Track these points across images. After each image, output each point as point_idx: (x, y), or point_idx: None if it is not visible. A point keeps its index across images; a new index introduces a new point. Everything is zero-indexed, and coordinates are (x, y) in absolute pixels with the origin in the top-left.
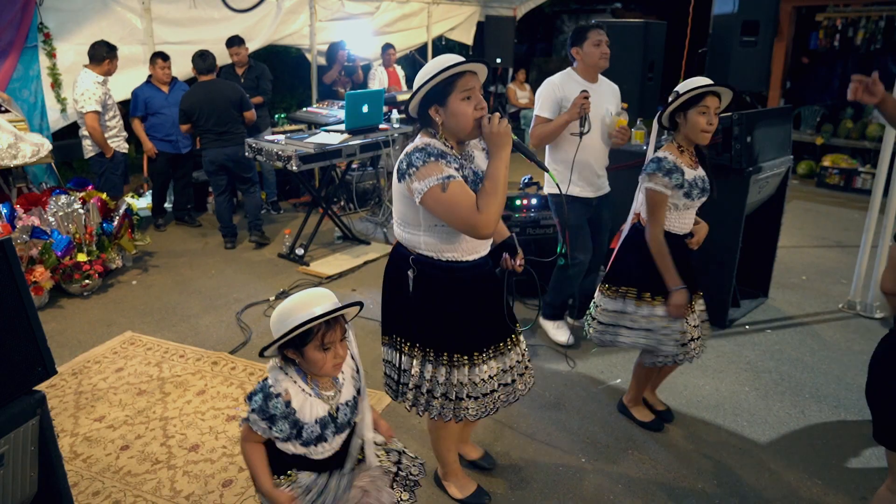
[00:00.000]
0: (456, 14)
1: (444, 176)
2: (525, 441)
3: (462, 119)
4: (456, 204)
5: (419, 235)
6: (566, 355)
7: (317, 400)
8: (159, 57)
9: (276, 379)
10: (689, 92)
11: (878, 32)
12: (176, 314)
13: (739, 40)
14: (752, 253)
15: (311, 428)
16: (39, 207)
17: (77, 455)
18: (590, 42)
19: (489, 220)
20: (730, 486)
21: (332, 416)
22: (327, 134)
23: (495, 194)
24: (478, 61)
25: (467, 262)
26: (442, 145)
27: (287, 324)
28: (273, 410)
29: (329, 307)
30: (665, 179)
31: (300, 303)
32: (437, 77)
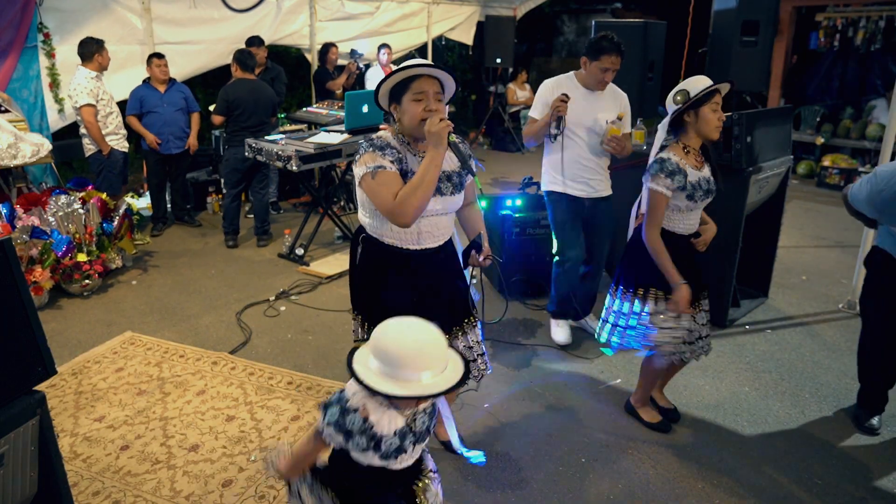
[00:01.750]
0: (456, 14)
1: (376, 165)
2: (525, 441)
3: (409, 117)
4: (378, 192)
5: (367, 217)
6: (549, 355)
7: (394, 412)
8: (155, 57)
9: (353, 392)
10: (706, 90)
11: (878, 32)
12: (176, 314)
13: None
14: (752, 253)
15: (389, 440)
16: (39, 207)
17: (77, 455)
18: (599, 64)
19: (404, 210)
20: (730, 486)
21: (409, 426)
22: (327, 134)
23: (416, 188)
24: (437, 68)
25: (408, 250)
26: (394, 139)
27: (402, 375)
28: (349, 426)
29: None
30: (667, 181)
31: (415, 356)
32: (393, 76)
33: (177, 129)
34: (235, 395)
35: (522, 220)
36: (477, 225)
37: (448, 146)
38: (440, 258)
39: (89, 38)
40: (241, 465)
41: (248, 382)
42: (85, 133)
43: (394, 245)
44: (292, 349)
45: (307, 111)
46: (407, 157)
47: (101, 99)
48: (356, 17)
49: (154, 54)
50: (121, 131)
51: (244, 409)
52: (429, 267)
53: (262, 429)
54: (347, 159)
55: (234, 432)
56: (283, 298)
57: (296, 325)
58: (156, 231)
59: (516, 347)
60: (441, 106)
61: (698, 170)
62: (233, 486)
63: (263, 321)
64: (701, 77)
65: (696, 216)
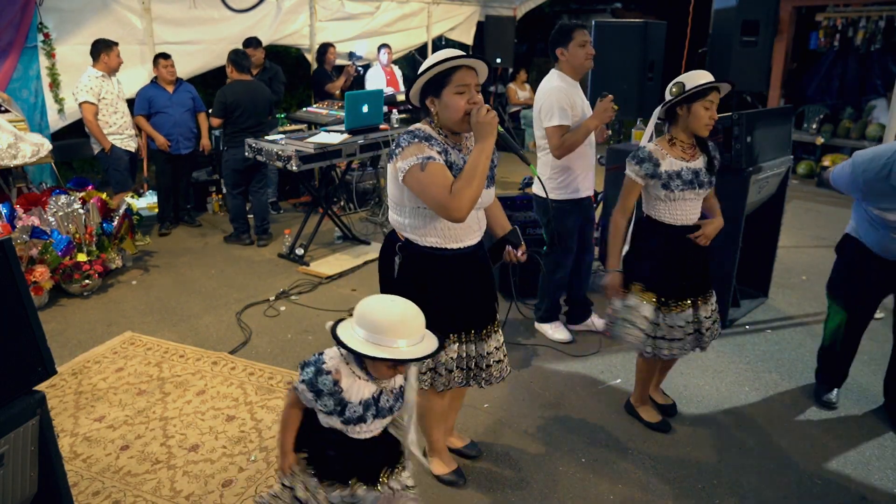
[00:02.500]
0: (456, 14)
1: (425, 157)
2: (525, 441)
3: (453, 111)
4: (431, 184)
5: (405, 218)
6: (549, 355)
7: (365, 382)
8: (161, 57)
9: (331, 357)
10: (701, 86)
11: (878, 32)
12: (176, 314)
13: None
14: (752, 253)
15: (353, 408)
16: (39, 207)
17: (77, 455)
18: (575, 43)
19: (461, 204)
20: (729, 486)
21: (375, 398)
22: (327, 134)
23: (470, 180)
24: (477, 58)
25: (449, 249)
26: (433, 131)
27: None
28: (321, 386)
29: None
30: (636, 167)
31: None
32: (432, 69)
33: (185, 129)
34: (235, 395)
35: (522, 220)
36: (503, 220)
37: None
38: (477, 257)
39: (100, 39)
40: (241, 465)
41: (248, 382)
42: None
43: (435, 246)
44: (292, 349)
45: (307, 111)
46: (449, 150)
47: (104, 98)
48: (356, 17)
49: (160, 55)
50: (126, 131)
51: (244, 409)
52: (468, 267)
53: (262, 429)
54: (347, 159)
55: (234, 432)
56: (283, 298)
57: (296, 325)
58: (164, 231)
59: (516, 347)
60: (481, 97)
61: (685, 161)
62: (233, 486)
63: (263, 321)
64: (702, 72)
65: (685, 207)
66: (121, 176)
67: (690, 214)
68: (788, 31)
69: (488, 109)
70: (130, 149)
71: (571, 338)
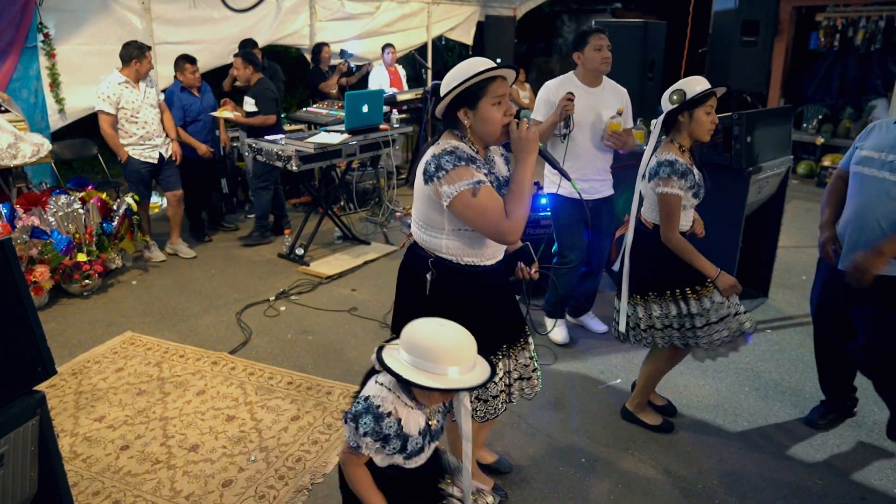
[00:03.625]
0: (456, 14)
1: (475, 181)
2: (525, 441)
3: (491, 124)
4: (486, 209)
5: (441, 239)
6: (553, 351)
7: (417, 412)
8: (187, 61)
9: (383, 397)
10: (703, 93)
11: (878, 32)
12: (176, 314)
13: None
14: (752, 253)
15: (414, 440)
16: (39, 207)
17: (77, 455)
18: (590, 47)
19: (517, 225)
20: (730, 486)
21: (429, 424)
22: (327, 134)
23: (521, 199)
24: (509, 67)
25: (485, 266)
26: (469, 149)
27: (434, 369)
28: (387, 430)
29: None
30: (681, 182)
31: (448, 350)
32: (470, 80)
33: (214, 132)
34: (235, 395)
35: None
36: None
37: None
38: (503, 271)
39: (132, 42)
40: (241, 465)
41: (248, 382)
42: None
43: (472, 264)
44: (292, 349)
45: (307, 111)
46: (489, 169)
47: (124, 108)
48: (356, 17)
49: (185, 58)
50: (148, 141)
51: (244, 409)
52: (497, 282)
53: (262, 429)
54: (347, 159)
55: (234, 432)
56: (283, 298)
57: (296, 325)
58: (206, 239)
59: None
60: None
61: (692, 167)
62: (233, 486)
63: (263, 321)
64: (698, 78)
65: (691, 214)
66: (135, 188)
67: (691, 219)
68: (788, 31)
69: (528, 125)
70: (151, 160)
71: (567, 340)
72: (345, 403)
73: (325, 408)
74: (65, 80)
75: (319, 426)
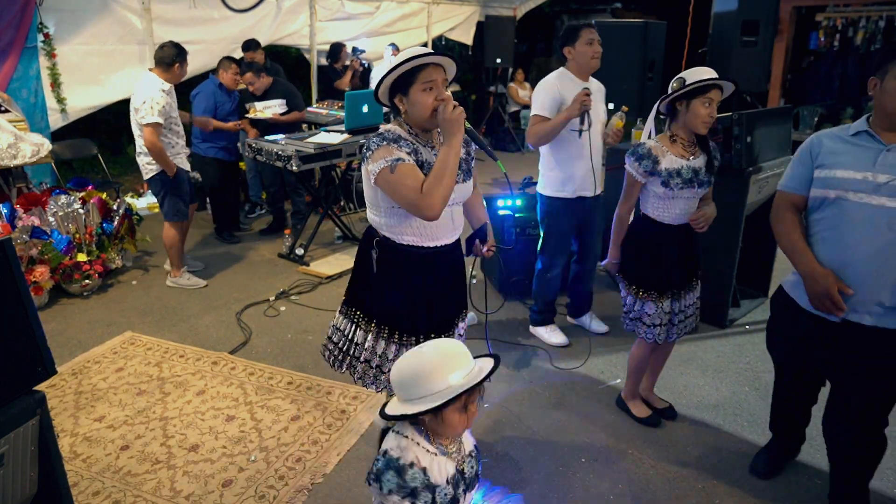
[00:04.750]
0: (456, 14)
1: (394, 158)
2: (525, 441)
3: (420, 108)
4: (401, 184)
5: (381, 217)
6: (553, 359)
7: (443, 458)
8: (233, 62)
9: (401, 447)
10: (699, 82)
11: (878, 32)
12: (176, 314)
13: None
14: (752, 253)
15: (444, 490)
16: (39, 207)
17: (77, 455)
18: (582, 41)
19: (432, 201)
20: (730, 486)
21: (461, 471)
22: (327, 134)
23: (441, 178)
24: (443, 55)
25: (427, 248)
26: (403, 132)
27: (432, 388)
28: (413, 483)
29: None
30: (636, 164)
31: (438, 363)
32: (398, 68)
33: (237, 135)
34: (235, 395)
35: (522, 221)
36: (480, 213)
37: (465, 132)
38: (454, 256)
39: (172, 42)
40: (241, 465)
41: (248, 382)
42: (143, 151)
43: (412, 245)
44: (292, 349)
45: (307, 111)
46: (420, 149)
47: (171, 116)
48: (356, 17)
49: (230, 59)
50: (183, 150)
51: (244, 409)
52: (444, 265)
53: (262, 429)
54: (347, 159)
55: (234, 432)
56: (283, 298)
57: (296, 325)
58: (235, 240)
59: (516, 347)
60: (449, 93)
61: (685, 159)
62: (233, 486)
63: (263, 321)
64: (705, 69)
65: (680, 206)
66: (182, 204)
67: (686, 214)
68: (788, 31)
69: (455, 106)
70: (188, 167)
71: (567, 341)
72: (344, 403)
73: (325, 408)
74: (65, 80)
75: (319, 426)
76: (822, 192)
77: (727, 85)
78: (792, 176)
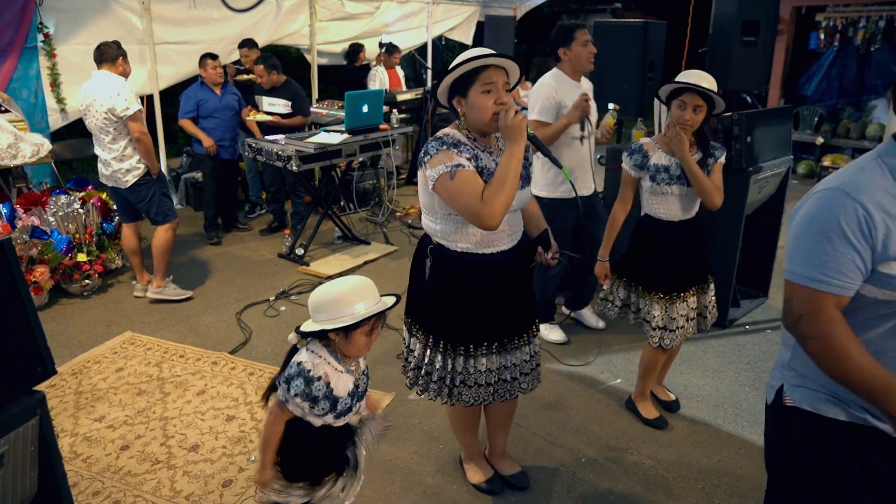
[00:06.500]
0: (456, 14)
1: (454, 164)
2: (525, 441)
3: (480, 112)
4: (461, 192)
5: (437, 223)
6: (555, 356)
7: (346, 375)
8: (209, 58)
9: (313, 363)
10: (675, 84)
11: (878, 32)
12: (176, 314)
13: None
14: (752, 253)
15: (344, 401)
16: (39, 207)
17: (77, 455)
18: (578, 42)
19: (493, 211)
20: (730, 486)
21: (356, 385)
22: (327, 134)
23: (501, 186)
24: (507, 57)
25: (483, 255)
26: (462, 136)
27: (343, 312)
28: (316, 392)
29: (377, 300)
30: (627, 158)
31: (353, 290)
32: (459, 68)
33: (234, 133)
34: (235, 395)
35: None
36: (538, 219)
37: (528, 139)
38: (512, 262)
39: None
40: (241, 465)
41: (248, 382)
42: (127, 155)
43: (468, 251)
44: None
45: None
46: (479, 154)
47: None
48: (356, 16)
49: (208, 55)
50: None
51: (244, 409)
52: (503, 272)
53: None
54: (347, 159)
55: (234, 432)
56: (283, 298)
57: (296, 324)
58: (215, 240)
59: None
60: (511, 97)
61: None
62: (233, 486)
63: (263, 321)
64: (696, 72)
65: (669, 203)
66: (169, 201)
67: (680, 210)
68: (788, 31)
69: (517, 111)
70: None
71: (566, 339)
72: None
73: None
74: (65, 80)
75: None
76: (890, 295)
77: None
78: (836, 268)
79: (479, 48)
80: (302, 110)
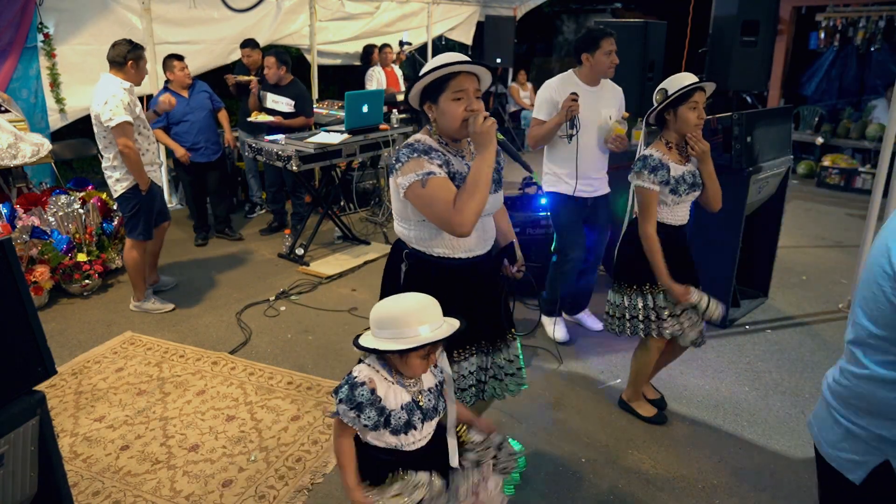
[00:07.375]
0: (456, 14)
1: (425, 172)
2: (525, 441)
3: (450, 119)
4: (433, 200)
5: (410, 230)
6: (557, 355)
7: (399, 387)
8: (175, 59)
9: (360, 370)
10: (681, 90)
11: (878, 32)
12: (176, 314)
13: (739, 40)
14: (752, 253)
15: (398, 414)
16: (39, 207)
17: (77, 455)
18: (602, 51)
19: (464, 218)
20: (730, 486)
21: (416, 402)
22: (327, 134)
23: (473, 193)
24: (478, 64)
25: (460, 259)
26: (433, 141)
27: (405, 333)
28: (359, 398)
29: (441, 323)
30: (651, 176)
31: (419, 311)
32: (429, 74)
33: (212, 134)
34: (235, 395)
35: (522, 220)
36: (506, 228)
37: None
38: (488, 265)
39: (126, 40)
40: (241, 465)
41: (248, 382)
42: (115, 165)
43: (444, 256)
44: (292, 349)
45: None
46: (451, 160)
47: (139, 117)
48: (356, 16)
49: (173, 56)
50: (157, 160)
51: (244, 409)
52: (478, 277)
53: (262, 429)
54: (347, 159)
55: (234, 432)
56: (283, 298)
57: (296, 325)
58: (200, 242)
59: None
60: (481, 104)
61: (682, 164)
62: (233, 486)
63: (263, 321)
64: (683, 75)
65: (684, 209)
66: (150, 220)
67: (687, 214)
68: (788, 31)
69: (486, 117)
70: (159, 182)
71: (567, 338)
72: None
73: (325, 408)
74: (65, 80)
75: (319, 426)
76: None
77: (709, 85)
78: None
79: (449, 54)
80: (305, 111)
